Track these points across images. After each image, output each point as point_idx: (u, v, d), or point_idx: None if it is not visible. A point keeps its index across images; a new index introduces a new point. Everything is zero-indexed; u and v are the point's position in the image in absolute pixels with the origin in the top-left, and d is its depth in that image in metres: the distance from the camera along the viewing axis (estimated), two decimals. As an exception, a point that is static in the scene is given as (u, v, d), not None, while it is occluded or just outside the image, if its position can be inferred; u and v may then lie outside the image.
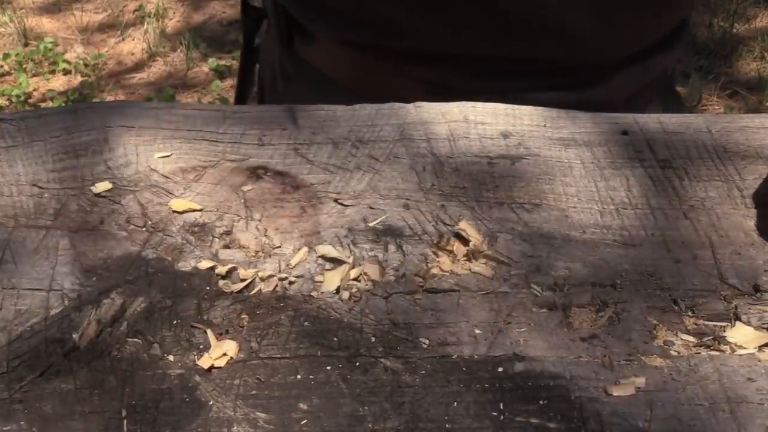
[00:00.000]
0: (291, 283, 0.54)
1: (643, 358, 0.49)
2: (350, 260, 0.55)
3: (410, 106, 0.68)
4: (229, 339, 0.50)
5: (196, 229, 0.58)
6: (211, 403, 0.47)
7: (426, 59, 0.77)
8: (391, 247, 0.57)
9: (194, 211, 0.59)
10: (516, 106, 0.68)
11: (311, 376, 0.48)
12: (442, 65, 0.77)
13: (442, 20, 0.73)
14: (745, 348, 0.50)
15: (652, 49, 0.79)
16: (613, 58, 0.77)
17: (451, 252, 0.56)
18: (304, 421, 0.46)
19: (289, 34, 0.84)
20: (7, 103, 2.47)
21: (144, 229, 0.58)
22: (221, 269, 0.54)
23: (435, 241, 0.57)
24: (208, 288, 0.53)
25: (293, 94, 0.86)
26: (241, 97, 0.98)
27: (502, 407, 0.47)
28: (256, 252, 0.56)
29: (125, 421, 0.46)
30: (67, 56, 2.66)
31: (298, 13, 0.81)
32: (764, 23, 2.58)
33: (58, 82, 2.57)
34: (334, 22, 0.78)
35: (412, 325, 0.51)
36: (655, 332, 0.51)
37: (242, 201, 0.60)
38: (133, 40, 2.75)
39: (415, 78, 0.78)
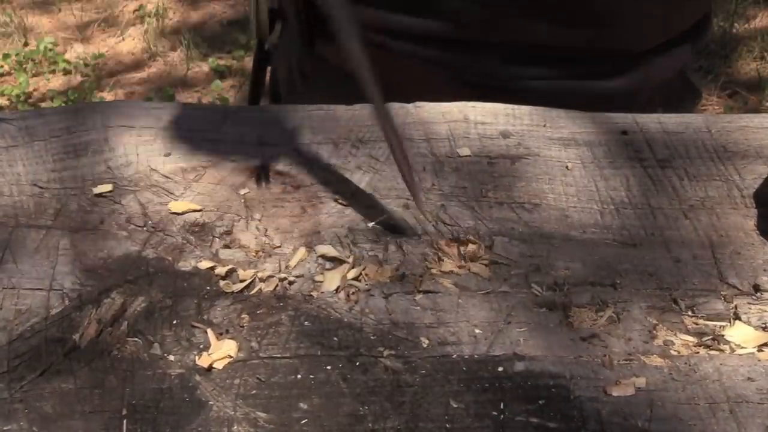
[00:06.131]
0: (291, 282, 0.54)
1: (643, 358, 0.49)
2: (350, 260, 0.55)
3: (410, 106, 0.68)
4: (229, 339, 0.50)
5: (196, 228, 0.58)
6: (211, 402, 0.47)
7: (463, 46, 0.77)
8: (391, 247, 0.57)
9: (194, 211, 0.59)
10: (516, 106, 0.68)
11: (311, 376, 0.48)
12: (479, 51, 0.77)
13: (485, 8, 0.73)
14: (744, 348, 0.50)
15: (677, 41, 0.80)
16: (643, 47, 0.78)
17: (451, 252, 0.56)
18: (304, 421, 0.46)
19: (310, 32, 0.84)
20: (7, 103, 2.47)
21: (144, 228, 0.58)
22: (221, 269, 0.54)
23: (435, 241, 0.57)
24: (208, 288, 0.53)
25: (313, 93, 0.86)
26: (254, 99, 0.98)
27: (502, 407, 0.47)
28: (257, 252, 0.56)
29: (125, 420, 0.46)
30: (67, 56, 2.66)
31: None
32: (764, 23, 2.58)
33: (58, 82, 2.57)
34: None
35: (412, 324, 0.51)
36: (655, 332, 0.51)
37: (242, 201, 0.60)
38: (133, 39, 2.75)
39: (449, 65, 0.79)
